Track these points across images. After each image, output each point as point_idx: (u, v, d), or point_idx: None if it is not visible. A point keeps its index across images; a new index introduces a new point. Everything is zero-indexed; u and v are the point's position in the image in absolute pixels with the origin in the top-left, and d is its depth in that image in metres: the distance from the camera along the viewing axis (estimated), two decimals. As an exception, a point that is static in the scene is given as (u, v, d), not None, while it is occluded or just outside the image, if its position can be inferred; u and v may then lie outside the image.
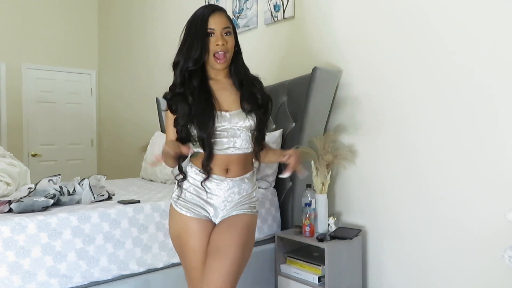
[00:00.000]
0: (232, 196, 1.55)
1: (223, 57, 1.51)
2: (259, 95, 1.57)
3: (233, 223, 1.52)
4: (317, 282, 2.16)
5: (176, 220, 1.55)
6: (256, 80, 1.61)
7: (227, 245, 1.46)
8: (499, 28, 1.86)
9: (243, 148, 1.54)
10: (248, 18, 3.15)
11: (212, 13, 1.50)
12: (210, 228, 1.54)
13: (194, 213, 1.53)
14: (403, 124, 2.23)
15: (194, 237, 1.51)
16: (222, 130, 1.51)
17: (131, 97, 4.84)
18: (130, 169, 4.51)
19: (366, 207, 2.41)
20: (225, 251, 1.45)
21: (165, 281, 2.03)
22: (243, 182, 1.57)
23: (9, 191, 2.20)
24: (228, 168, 1.53)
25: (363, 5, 2.41)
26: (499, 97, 1.86)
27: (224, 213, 1.55)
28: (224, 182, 1.53)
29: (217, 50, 1.49)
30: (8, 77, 4.93)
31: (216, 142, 1.51)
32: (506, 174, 1.84)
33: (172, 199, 1.59)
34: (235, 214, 1.55)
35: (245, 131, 1.54)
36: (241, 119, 1.52)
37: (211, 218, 1.56)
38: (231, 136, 1.52)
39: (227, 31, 1.51)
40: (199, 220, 1.53)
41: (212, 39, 1.49)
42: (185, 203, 1.54)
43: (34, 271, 1.71)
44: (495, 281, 1.87)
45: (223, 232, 1.50)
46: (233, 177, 1.54)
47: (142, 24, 4.63)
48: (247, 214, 1.57)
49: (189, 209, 1.53)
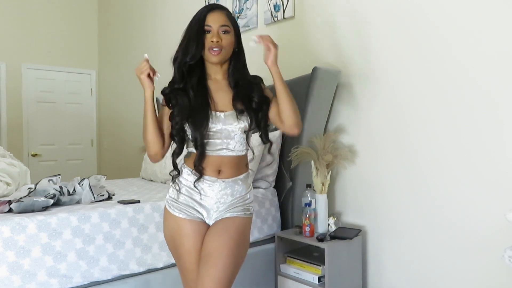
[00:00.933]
0: (224, 197, 1.53)
1: (217, 51, 1.50)
2: (256, 97, 1.55)
3: (225, 227, 1.50)
4: (317, 282, 2.16)
5: (170, 222, 1.55)
6: (255, 80, 1.60)
7: (219, 250, 1.44)
8: (500, 28, 1.86)
9: (237, 150, 1.53)
10: (248, 18, 3.15)
11: (211, 11, 1.52)
12: (203, 229, 1.53)
13: (187, 214, 1.52)
14: (403, 124, 2.23)
15: (187, 238, 1.51)
16: (216, 131, 1.50)
17: (131, 97, 4.84)
18: (130, 169, 4.51)
19: (366, 207, 2.41)
20: (216, 256, 1.43)
21: (165, 281, 2.03)
22: (236, 184, 1.55)
23: (9, 191, 2.20)
24: (220, 170, 1.53)
25: (363, 5, 2.41)
26: (499, 97, 1.86)
27: (217, 215, 1.54)
28: (216, 183, 1.52)
29: (211, 46, 1.50)
30: (8, 77, 4.93)
31: (209, 143, 1.50)
32: (506, 174, 1.84)
33: (166, 200, 1.58)
34: (228, 216, 1.53)
35: (239, 133, 1.53)
36: (235, 120, 1.51)
37: (204, 219, 1.55)
38: (225, 138, 1.51)
39: (224, 30, 1.51)
40: (192, 222, 1.52)
41: (208, 36, 1.50)
42: (178, 205, 1.54)
43: (34, 271, 1.71)
44: (495, 281, 1.87)
45: (215, 236, 1.49)
46: (225, 178, 1.53)
47: (142, 24, 4.63)
48: (240, 217, 1.54)
49: (181, 211, 1.53)
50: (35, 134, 5.11)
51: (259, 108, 1.55)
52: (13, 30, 4.96)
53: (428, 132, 2.12)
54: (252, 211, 1.61)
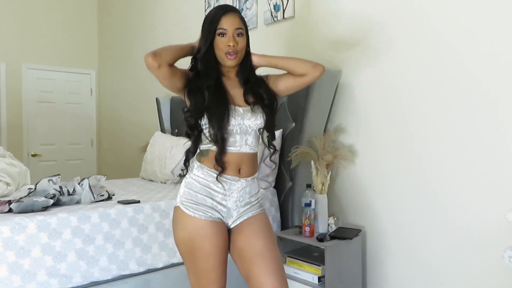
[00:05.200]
0: (243, 196, 1.55)
1: (234, 56, 1.52)
2: (265, 94, 1.58)
3: (258, 226, 1.55)
4: (317, 282, 2.16)
5: (187, 224, 1.48)
6: (262, 80, 1.63)
7: (267, 248, 1.51)
8: (500, 28, 1.86)
9: (253, 146, 1.56)
10: (248, 18, 3.15)
11: (225, 13, 1.51)
12: (224, 229, 1.52)
13: (207, 215, 1.49)
14: (403, 124, 2.23)
15: (210, 240, 1.46)
16: (235, 125, 1.51)
17: (131, 97, 4.84)
18: (130, 169, 4.51)
19: (366, 207, 2.41)
20: (268, 253, 1.50)
21: (165, 281, 2.03)
22: (253, 182, 1.58)
23: (9, 191, 2.20)
24: (241, 168, 1.53)
25: (363, 5, 2.41)
26: (500, 97, 1.86)
27: (237, 214, 1.54)
28: (238, 182, 1.53)
29: (228, 51, 1.50)
30: (8, 77, 4.93)
31: (229, 139, 1.50)
32: (506, 174, 1.84)
33: (181, 202, 1.51)
34: (252, 215, 1.56)
35: (255, 129, 1.55)
36: (253, 116, 1.53)
37: (223, 219, 1.53)
38: (243, 133, 1.52)
39: (239, 32, 1.52)
40: (213, 223, 1.49)
41: (224, 40, 1.50)
42: (197, 206, 1.49)
43: (34, 271, 1.71)
44: (495, 281, 1.87)
45: (253, 237, 1.52)
46: (246, 177, 1.55)
47: (142, 24, 4.63)
48: (262, 213, 1.60)
49: (201, 212, 1.49)
50: (35, 134, 5.11)
51: (270, 104, 1.57)
52: (13, 30, 4.96)
53: (428, 132, 2.12)
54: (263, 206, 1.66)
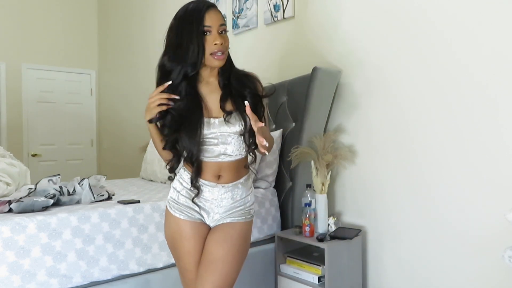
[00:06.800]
0: (225, 201, 1.51)
1: (222, 56, 1.41)
2: (248, 95, 1.45)
3: (228, 234, 1.48)
4: (317, 282, 2.16)
5: (170, 223, 1.54)
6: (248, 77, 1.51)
7: (222, 259, 1.44)
8: (500, 28, 1.86)
9: (235, 154, 1.48)
10: (248, 18, 3.15)
11: (208, 9, 1.40)
12: (204, 230, 1.53)
13: (187, 215, 1.51)
14: (403, 124, 2.23)
15: (188, 240, 1.50)
16: (212, 137, 1.45)
17: (131, 97, 4.84)
18: (130, 169, 4.51)
19: (366, 207, 2.41)
20: (219, 264, 1.44)
21: (165, 281, 2.03)
22: (236, 188, 1.52)
23: (9, 191, 2.20)
24: (220, 175, 1.50)
25: (363, 5, 2.41)
26: (500, 97, 1.86)
27: (218, 217, 1.52)
28: (216, 188, 1.50)
29: (214, 50, 1.39)
30: (8, 77, 4.93)
31: (207, 150, 1.46)
32: (506, 174, 1.84)
33: (167, 201, 1.57)
34: (230, 222, 1.51)
35: (236, 136, 1.47)
36: (231, 125, 1.45)
37: (205, 220, 1.54)
38: (222, 143, 1.46)
39: (223, 29, 1.42)
40: (192, 223, 1.51)
41: (208, 38, 1.39)
42: (178, 206, 1.52)
43: (34, 271, 1.71)
44: (495, 281, 1.87)
45: (218, 244, 1.47)
46: (225, 183, 1.50)
47: (142, 24, 4.63)
48: (241, 222, 1.52)
49: (182, 212, 1.51)
50: (35, 134, 5.11)
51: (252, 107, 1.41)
52: (13, 30, 4.96)
53: (428, 132, 2.12)
54: (252, 213, 1.58)
